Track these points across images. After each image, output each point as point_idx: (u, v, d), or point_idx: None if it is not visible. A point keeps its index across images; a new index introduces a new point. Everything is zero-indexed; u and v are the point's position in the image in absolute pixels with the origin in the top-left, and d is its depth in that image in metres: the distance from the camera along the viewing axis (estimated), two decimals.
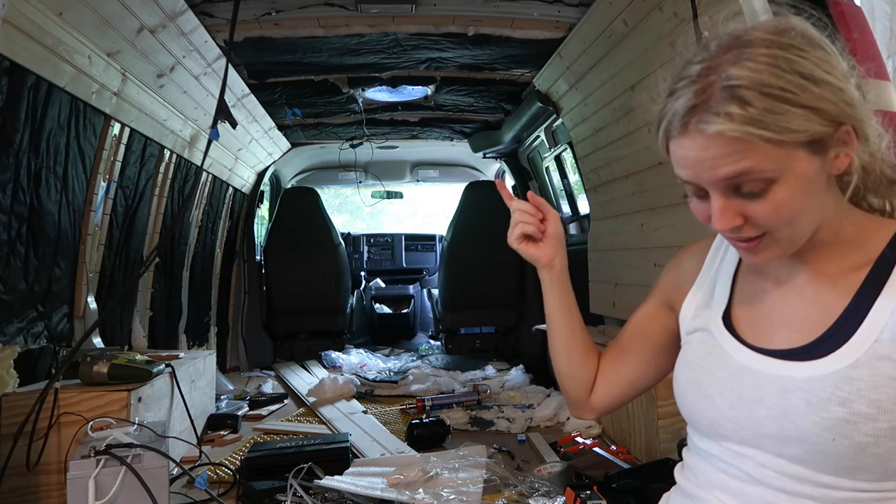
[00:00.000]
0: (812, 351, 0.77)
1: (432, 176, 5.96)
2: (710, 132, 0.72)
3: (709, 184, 0.75)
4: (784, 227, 0.75)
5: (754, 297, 0.88)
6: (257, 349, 4.84)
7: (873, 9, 2.12)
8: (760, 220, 0.75)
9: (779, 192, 0.73)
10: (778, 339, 0.82)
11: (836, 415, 0.72)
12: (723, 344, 0.86)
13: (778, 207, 0.74)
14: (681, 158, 0.77)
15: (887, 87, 1.41)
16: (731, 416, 0.81)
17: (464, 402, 3.29)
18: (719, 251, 0.95)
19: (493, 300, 4.98)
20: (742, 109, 0.70)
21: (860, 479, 0.73)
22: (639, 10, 2.21)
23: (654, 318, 1.03)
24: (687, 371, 0.90)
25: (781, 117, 0.71)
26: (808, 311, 0.81)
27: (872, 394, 0.71)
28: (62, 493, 1.71)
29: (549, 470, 2.27)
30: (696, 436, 0.89)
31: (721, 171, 0.73)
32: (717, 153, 0.72)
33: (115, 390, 2.07)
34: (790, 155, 0.72)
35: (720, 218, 0.75)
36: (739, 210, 0.75)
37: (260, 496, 2.10)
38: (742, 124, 0.71)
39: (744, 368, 0.82)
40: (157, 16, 2.26)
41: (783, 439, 0.76)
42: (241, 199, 4.75)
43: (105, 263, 2.67)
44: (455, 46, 3.01)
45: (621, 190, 2.96)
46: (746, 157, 0.72)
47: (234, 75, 3.14)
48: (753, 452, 0.79)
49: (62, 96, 2.12)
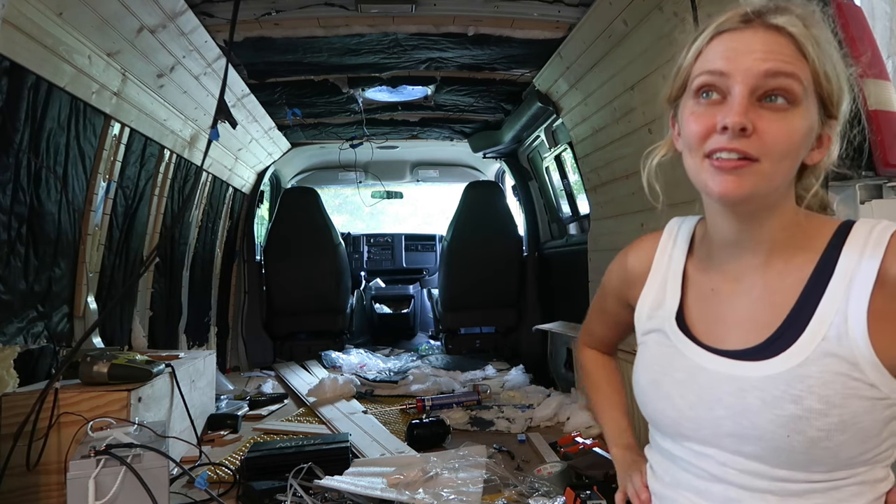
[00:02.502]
0: (764, 351, 0.79)
1: (432, 176, 5.96)
2: (778, 22, 0.77)
3: (746, 77, 0.76)
4: (775, 160, 0.76)
5: (705, 297, 0.89)
6: (257, 349, 4.84)
7: (873, 9, 2.12)
8: (768, 136, 0.76)
9: (795, 118, 0.77)
10: (731, 339, 0.84)
11: (789, 412, 0.75)
12: (678, 345, 0.88)
13: (788, 132, 0.76)
14: (726, 51, 0.79)
15: (887, 87, 1.41)
16: (691, 416, 0.83)
17: (464, 402, 3.29)
18: (666, 249, 0.96)
19: (493, 300, 4.98)
20: (804, 27, 0.78)
21: (814, 471, 0.77)
22: (639, 10, 2.21)
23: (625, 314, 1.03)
24: (646, 373, 0.91)
25: (827, 60, 0.78)
26: (758, 310, 0.83)
27: (822, 390, 0.74)
28: (62, 493, 1.71)
29: (549, 470, 2.27)
30: (659, 435, 0.91)
31: (769, 63, 0.76)
32: (772, 48, 0.76)
33: (115, 390, 2.07)
34: (812, 96, 0.78)
35: (739, 111, 0.75)
36: (755, 119, 0.76)
37: (260, 496, 2.10)
38: (804, 31, 0.77)
39: (701, 369, 0.84)
40: (157, 16, 2.26)
41: (741, 437, 0.79)
42: (241, 199, 4.75)
43: (105, 263, 2.67)
44: (455, 46, 3.01)
45: (621, 190, 2.96)
46: (794, 64, 0.76)
47: (234, 75, 3.14)
48: (713, 451, 0.82)
49: (62, 96, 2.12)
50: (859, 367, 0.74)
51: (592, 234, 3.41)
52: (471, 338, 5.18)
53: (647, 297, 0.95)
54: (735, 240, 0.84)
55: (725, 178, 0.77)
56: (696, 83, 0.80)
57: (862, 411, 0.74)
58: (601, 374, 1.17)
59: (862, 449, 0.75)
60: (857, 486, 0.77)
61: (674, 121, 0.90)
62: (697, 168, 0.80)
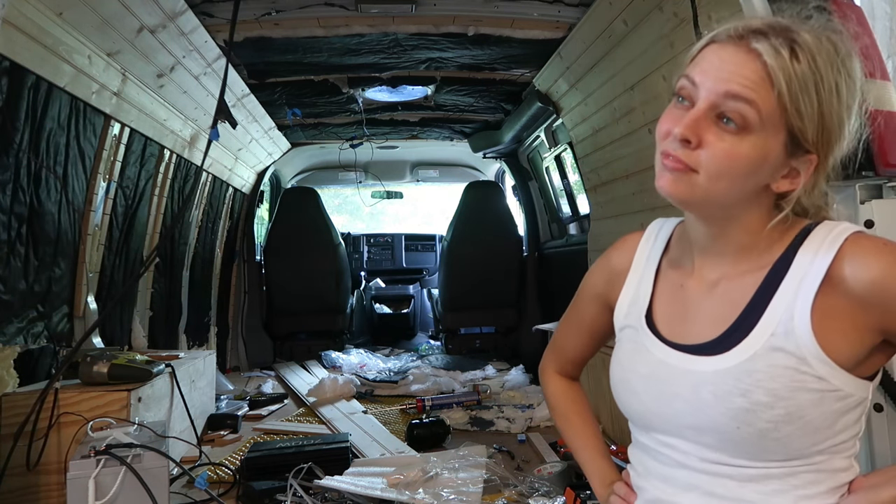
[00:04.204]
0: (718, 346, 0.82)
1: (432, 176, 5.96)
2: (756, 47, 0.76)
3: (708, 92, 0.78)
4: (711, 176, 0.78)
5: (673, 295, 0.92)
6: (257, 349, 4.84)
7: (873, 9, 2.11)
8: (707, 153, 0.78)
9: (741, 143, 0.77)
10: (691, 334, 0.86)
11: (738, 405, 0.78)
12: (644, 341, 0.91)
13: (728, 155, 0.77)
14: (707, 62, 0.80)
15: (887, 87, 1.41)
16: (655, 409, 0.87)
17: (464, 402, 3.29)
18: (646, 248, 0.98)
19: (493, 300, 4.98)
20: (790, 61, 0.76)
21: (768, 459, 0.80)
22: (639, 10, 2.21)
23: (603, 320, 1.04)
24: (618, 368, 0.94)
25: (806, 96, 0.77)
26: (718, 307, 0.85)
27: (769, 383, 0.77)
28: (62, 493, 1.71)
29: (549, 470, 2.27)
30: (634, 429, 0.95)
31: (731, 85, 0.77)
32: (740, 71, 0.77)
33: (115, 390, 2.07)
34: (776, 127, 0.78)
35: (688, 123, 0.78)
36: (704, 133, 0.78)
37: (260, 496, 2.10)
38: (781, 67, 0.76)
39: (662, 364, 0.87)
40: (157, 16, 2.26)
41: (698, 429, 0.82)
42: (241, 199, 4.75)
43: (105, 263, 2.67)
44: (455, 46, 3.01)
45: (621, 190, 2.96)
46: (758, 92, 0.76)
47: (234, 75, 3.14)
48: (676, 441, 0.86)
49: (62, 96, 2.12)
50: (806, 361, 0.77)
51: (592, 234, 3.41)
52: (471, 338, 5.18)
53: (626, 295, 0.97)
54: (704, 241, 0.87)
55: (665, 175, 0.81)
56: (677, 85, 0.83)
57: (808, 404, 0.76)
58: (569, 406, 1.14)
59: (813, 440, 0.78)
60: (813, 473, 0.80)
61: None
62: (657, 161, 0.84)
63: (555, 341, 1.17)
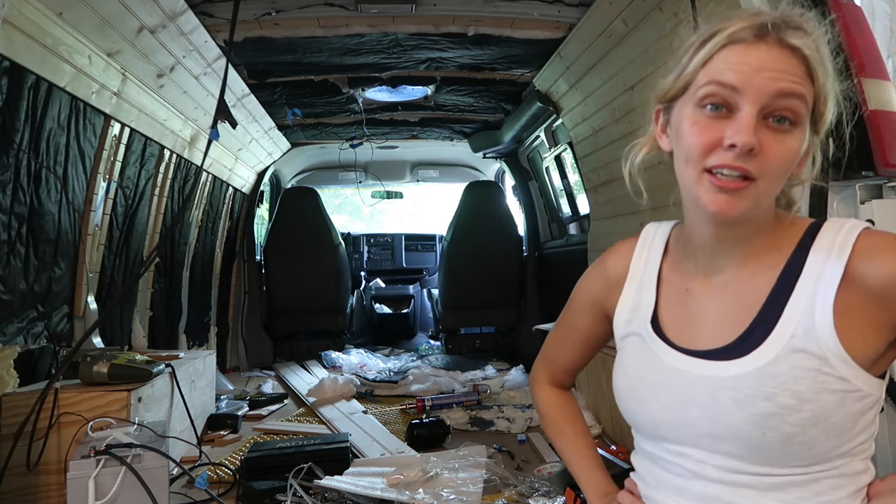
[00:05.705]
0: (735, 350, 0.80)
1: (432, 176, 5.96)
2: (795, 43, 0.76)
3: (758, 95, 0.75)
4: (771, 179, 0.77)
5: (679, 299, 0.90)
6: (257, 349, 4.84)
7: (873, 9, 2.12)
8: (769, 156, 0.76)
9: (794, 139, 0.77)
10: (702, 339, 0.84)
11: (762, 409, 0.76)
12: (652, 347, 0.88)
13: (787, 153, 0.77)
14: (737, 64, 0.77)
15: (887, 87, 1.41)
16: (667, 418, 0.84)
17: (464, 402, 3.29)
18: (643, 253, 0.96)
19: (493, 300, 4.98)
20: (816, 49, 0.78)
21: (791, 465, 0.77)
22: (639, 10, 2.21)
23: (598, 328, 1.03)
24: (623, 376, 0.92)
25: (826, 81, 0.79)
26: (729, 310, 0.83)
27: (794, 386, 0.75)
28: (62, 493, 1.71)
29: (549, 470, 2.27)
30: (640, 438, 0.92)
31: (780, 83, 0.75)
32: (785, 68, 0.76)
33: (115, 390, 2.07)
34: (808, 116, 0.79)
35: (747, 130, 0.74)
36: (761, 137, 0.76)
37: (260, 496, 2.10)
38: (817, 55, 0.77)
39: (674, 370, 0.84)
40: (157, 16, 2.26)
41: (717, 437, 0.79)
42: (241, 199, 4.75)
43: (105, 263, 2.67)
44: (455, 46, 3.01)
45: (621, 190, 2.93)
46: (804, 84, 0.77)
47: (234, 75, 3.14)
48: (691, 451, 0.83)
49: (62, 96, 2.12)
50: (828, 361, 0.75)
51: (592, 234, 3.41)
52: (471, 338, 5.18)
53: (625, 302, 0.95)
54: (712, 242, 0.85)
55: (722, 196, 0.76)
56: (701, 92, 0.78)
57: (833, 405, 0.75)
58: (561, 416, 1.13)
59: (836, 442, 0.77)
60: (835, 478, 0.78)
61: (659, 118, 0.89)
62: (693, 181, 0.79)
63: (546, 351, 1.16)
